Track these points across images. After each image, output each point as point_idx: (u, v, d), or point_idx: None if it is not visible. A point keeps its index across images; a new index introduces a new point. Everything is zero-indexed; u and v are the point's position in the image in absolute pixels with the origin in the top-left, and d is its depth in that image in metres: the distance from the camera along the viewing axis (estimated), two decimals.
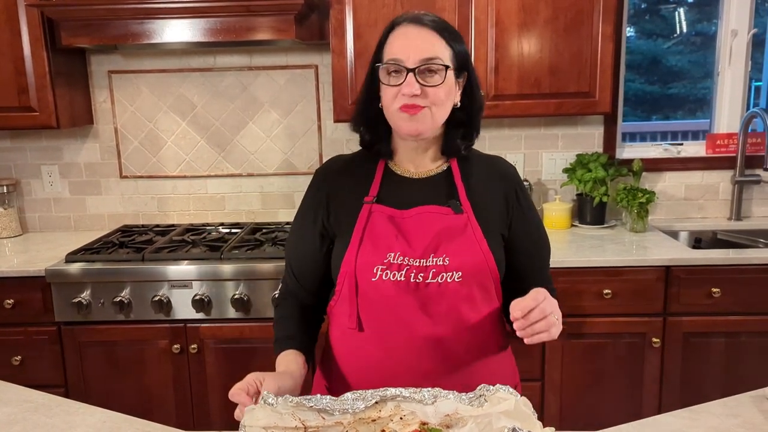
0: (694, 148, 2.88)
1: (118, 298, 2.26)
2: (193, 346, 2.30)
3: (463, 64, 1.24)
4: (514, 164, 1.39)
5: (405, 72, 1.18)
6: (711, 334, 2.30)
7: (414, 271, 1.19)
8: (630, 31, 2.99)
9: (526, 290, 1.11)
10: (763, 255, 2.30)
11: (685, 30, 3.25)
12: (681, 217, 2.85)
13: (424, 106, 1.19)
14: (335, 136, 2.82)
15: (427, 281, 1.19)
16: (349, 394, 1.03)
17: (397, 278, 1.19)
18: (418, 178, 1.30)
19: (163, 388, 2.34)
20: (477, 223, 1.23)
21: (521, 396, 1.00)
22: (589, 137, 2.80)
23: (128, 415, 1.27)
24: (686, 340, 2.30)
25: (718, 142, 2.82)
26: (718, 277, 2.26)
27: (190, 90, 2.80)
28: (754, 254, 2.34)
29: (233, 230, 2.72)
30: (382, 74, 1.21)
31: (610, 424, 1.20)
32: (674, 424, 1.19)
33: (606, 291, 2.27)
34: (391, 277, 1.19)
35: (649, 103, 3.57)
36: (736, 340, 2.30)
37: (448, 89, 1.22)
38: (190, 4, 2.25)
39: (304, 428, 1.00)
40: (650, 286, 2.27)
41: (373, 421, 1.01)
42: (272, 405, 1.01)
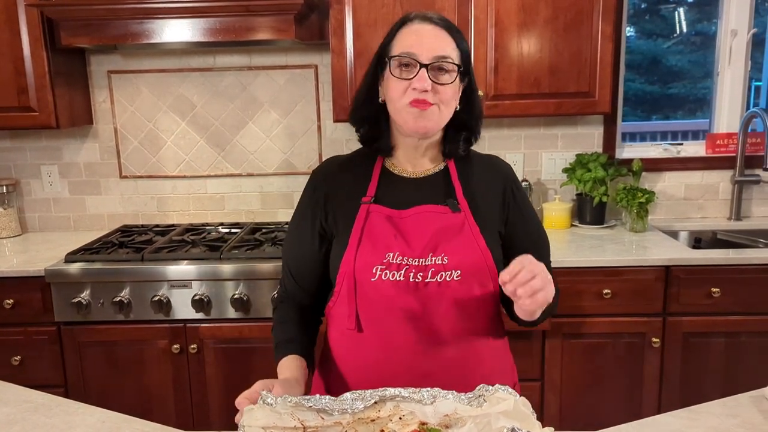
0: (694, 148, 2.88)
1: (118, 298, 2.26)
2: (192, 346, 2.30)
3: (467, 67, 1.25)
4: (513, 164, 1.39)
5: (418, 67, 1.17)
6: (711, 334, 2.30)
7: (413, 270, 1.19)
8: (630, 31, 2.99)
9: None
10: (763, 255, 2.30)
11: (685, 30, 3.25)
12: (681, 217, 2.85)
13: (433, 104, 1.19)
14: (335, 136, 2.82)
15: (426, 281, 1.19)
16: (348, 394, 1.03)
17: (397, 278, 1.19)
18: (415, 177, 1.30)
19: (163, 388, 2.34)
20: (474, 222, 1.24)
21: (520, 396, 1.00)
22: (589, 137, 2.80)
23: (128, 415, 1.27)
24: (686, 340, 2.30)
25: (718, 142, 2.82)
26: (718, 277, 2.26)
27: (190, 90, 2.79)
28: (754, 254, 2.34)
29: (233, 230, 2.72)
30: (393, 67, 1.20)
31: (610, 424, 1.20)
32: (674, 424, 1.18)
33: (606, 291, 2.27)
34: (390, 277, 1.19)
35: (649, 103, 3.58)
36: (735, 340, 2.30)
37: (455, 90, 1.22)
38: (190, 4, 2.25)
39: (303, 428, 1.00)
40: (650, 286, 2.27)
41: (372, 421, 1.01)
42: (271, 405, 1.01)
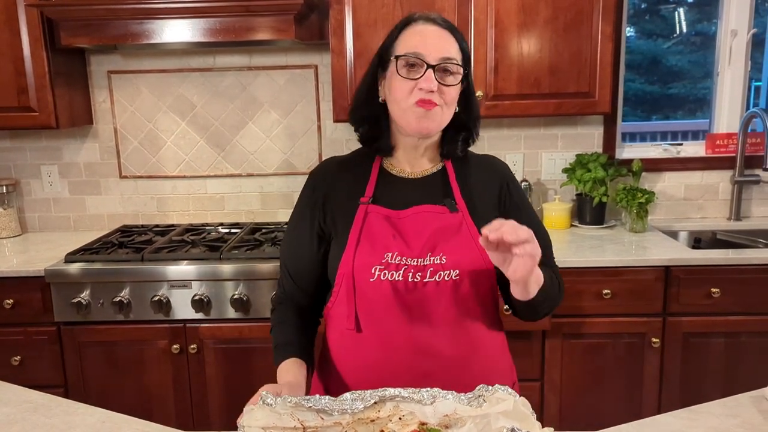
0: (694, 148, 2.88)
1: (118, 298, 2.26)
2: (192, 347, 2.30)
3: (468, 68, 1.25)
4: (513, 164, 1.40)
5: (424, 67, 1.18)
6: (711, 334, 2.30)
7: (412, 270, 1.20)
8: (630, 31, 2.99)
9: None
10: (763, 255, 2.30)
11: (685, 30, 3.25)
12: (680, 217, 2.85)
13: (438, 104, 1.19)
14: (335, 136, 2.82)
15: (425, 280, 1.20)
16: (348, 395, 1.03)
17: (396, 278, 1.19)
18: (413, 178, 1.30)
19: (163, 389, 2.34)
20: (472, 221, 1.24)
21: (520, 396, 1.00)
22: (589, 137, 2.80)
23: (128, 415, 1.27)
24: (686, 340, 2.30)
25: (718, 142, 2.82)
26: (718, 277, 2.26)
27: (190, 90, 2.79)
28: (754, 254, 2.33)
29: (233, 230, 2.72)
30: (400, 67, 1.20)
31: (610, 424, 1.20)
32: (674, 425, 1.18)
33: (605, 291, 2.27)
34: (389, 277, 1.20)
35: (649, 103, 3.57)
36: (735, 340, 2.30)
37: (458, 91, 1.23)
38: (190, 4, 2.25)
39: (303, 428, 1.00)
40: (650, 286, 2.27)
41: (372, 421, 1.01)
42: (271, 405, 1.01)
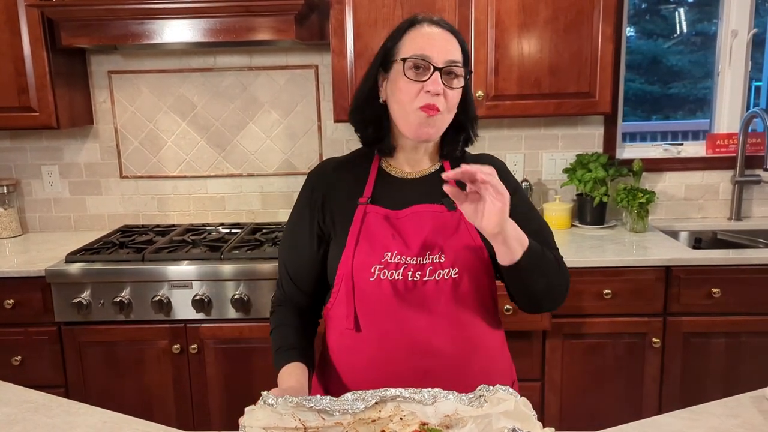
0: (694, 148, 2.88)
1: (118, 299, 2.26)
2: (193, 347, 2.30)
3: (468, 73, 1.25)
4: (513, 164, 1.40)
5: (431, 69, 1.17)
6: (711, 335, 2.30)
7: (411, 269, 1.20)
8: (630, 31, 2.99)
9: None
10: (763, 255, 2.30)
11: (685, 30, 3.25)
12: (681, 217, 2.85)
13: (441, 111, 1.19)
14: (335, 136, 2.82)
15: (424, 279, 1.20)
16: (349, 395, 1.03)
17: (395, 277, 1.20)
18: (411, 178, 1.30)
19: (163, 389, 2.35)
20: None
21: (521, 396, 1.00)
22: (589, 137, 2.80)
23: (128, 415, 1.27)
24: (686, 341, 2.30)
25: (718, 142, 2.82)
26: (718, 277, 2.26)
27: (190, 90, 2.79)
28: (754, 254, 2.33)
29: (233, 230, 2.72)
30: (407, 68, 1.19)
31: (611, 424, 1.20)
32: (674, 425, 1.18)
33: (606, 291, 2.27)
34: (389, 277, 1.20)
35: (649, 103, 3.57)
36: (736, 341, 2.30)
37: (459, 96, 1.23)
38: (190, 5, 2.26)
39: (304, 429, 1.00)
40: (650, 286, 2.27)
41: (373, 421, 1.01)
42: (272, 405, 1.01)
